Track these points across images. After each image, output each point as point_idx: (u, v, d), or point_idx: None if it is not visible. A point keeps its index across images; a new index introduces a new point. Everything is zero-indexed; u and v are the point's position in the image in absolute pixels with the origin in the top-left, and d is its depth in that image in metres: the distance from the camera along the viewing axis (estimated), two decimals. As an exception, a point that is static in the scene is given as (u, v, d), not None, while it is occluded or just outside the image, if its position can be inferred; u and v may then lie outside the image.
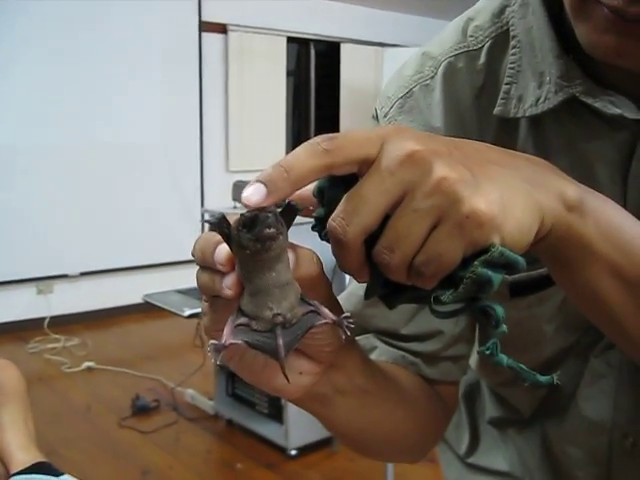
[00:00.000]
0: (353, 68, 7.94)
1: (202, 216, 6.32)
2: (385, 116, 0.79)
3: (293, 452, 3.49)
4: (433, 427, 0.80)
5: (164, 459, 3.55)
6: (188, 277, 4.94)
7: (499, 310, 0.48)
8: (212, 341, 0.46)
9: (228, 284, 0.47)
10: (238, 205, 3.90)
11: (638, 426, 0.79)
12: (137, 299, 3.92)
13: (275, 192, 0.44)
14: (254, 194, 0.44)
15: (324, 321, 0.48)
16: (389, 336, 0.78)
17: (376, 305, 0.75)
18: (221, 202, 5.44)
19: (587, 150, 0.71)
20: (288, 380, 0.48)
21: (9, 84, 5.55)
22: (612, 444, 0.81)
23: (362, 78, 7.98)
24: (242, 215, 0.44)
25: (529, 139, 0.72)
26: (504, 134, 0.73)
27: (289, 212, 0.46)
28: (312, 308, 0.48)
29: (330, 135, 0.47)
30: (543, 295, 0.75)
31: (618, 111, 0.66)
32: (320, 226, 0.51)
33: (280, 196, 0.45)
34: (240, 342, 0.46)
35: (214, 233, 0.48)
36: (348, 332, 0.47)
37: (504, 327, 0.48)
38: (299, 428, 3.46)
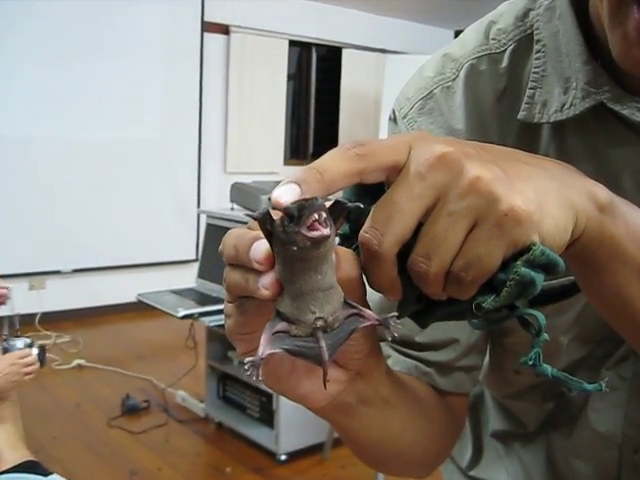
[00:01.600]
0: (354, 73, 7.95)
1: (198, 217, 6.31)
2: (404, 117, 0.77)
3: (283, 457, 3.47)
4: (447, 440, 0.79)
5: (153, 460, 3.53)
6: (183, 277, 4.92)
7: (541, 317, 0.46)
8: (248, 358, 0.43)
9: (265, 284, 0.43)
10: (236, 207, 3.89)
11: None
12: (130, 298, 3.90)
13: (308, 193, 0.42)
14: (287, 193, 0.42)
15: (369, 323, 0.46)
16: (403, 344, 0.77)
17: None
18: (217, 203, 5.43)
19: (613, 158, 0.69)
20: (325, 387, 0.46)
21: (9, 77, 5.52)
22: (622, 459, 0.80)
23: (363, 84, 7.99)
24: (286, 208, 0.41)
25: (552, 145, 0.71)
26: (526, 139, 0.72)
27: (337, 209, 0.44)
28: (355, 311, 0.45)
29: (360, 141, 0.45)
30: (562, 305, 0.74)
31: None
32: (347, 244, 0.49)
33: None
34: (279, 351, 0.44)
35: (247, 230, 0.45)
36: (395, 333, 0.45)
37: (546, 335, 0.47)
38: (289, 433, 3.44)
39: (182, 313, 3.35)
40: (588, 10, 0.68)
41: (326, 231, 0.40)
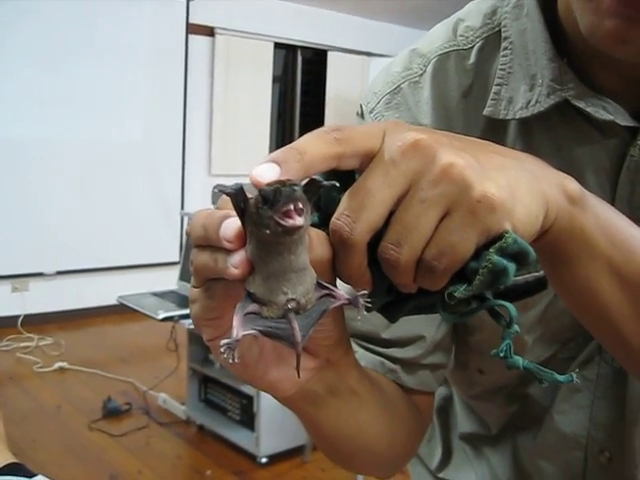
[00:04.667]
0: (339, 76, 7.95)
1: (182, 219, 6.30)
2: (371, 112, 0.78)
3: (264, 460, 3.46)
4: (412, 437, 0.78)
5: (133, 463, 3.51)
6: (167, 280, 4.90)
7: (512, 309, 0.46)
8: (223, 340, 0.41)
9: (235, 263, 0.42)
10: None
11: (615, 441, 0.78)
12: (114, 300, 3.89)
13: (288, 173, 0.42)
14: (267, 172, 0.41)
15: (339, 302, 0.45)
16: (369, 341, 0.77)
17: None
18: (202, 206, 5.41)
19: (577, 156, 0.70)
20: (299, 375, 0.46)
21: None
22: (587, 459, 0.80)
23: (348, 87, 7.99)
24: (262, 189, 0.40)
25: (517, 142, 0.71)
26: (492, 136, 0.71)
27: (312, 188, 0.42)
28: (326, 291, 0.45)
29: (337, 125, 0.45)
30: (526, 303, 0.73)
31: (610, 117, 0.66)
32: None
33: (292, 179, 0.42)
34: (253, 332, 0.42)
35: (216, 210, 0.44)
36: (364, 311, 0.44)
37: (517, 327, 0.47)
38: (270, 436, 3.44)
39: (162, 315, 3.35)
40: (556, 8, 0.69)
41: (299, 221, 0.40)
